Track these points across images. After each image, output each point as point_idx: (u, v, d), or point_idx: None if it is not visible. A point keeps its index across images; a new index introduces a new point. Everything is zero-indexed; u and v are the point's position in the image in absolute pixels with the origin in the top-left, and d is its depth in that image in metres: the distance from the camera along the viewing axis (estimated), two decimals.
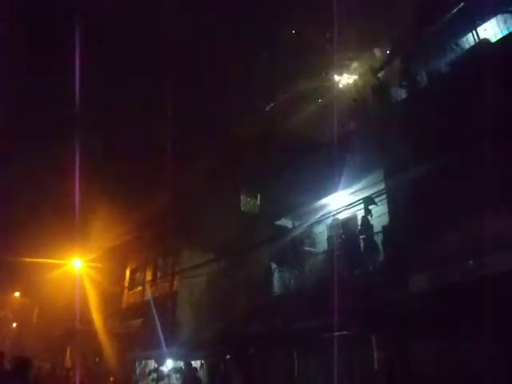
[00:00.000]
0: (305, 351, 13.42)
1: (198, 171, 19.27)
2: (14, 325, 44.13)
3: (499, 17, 10.99)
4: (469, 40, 11.35)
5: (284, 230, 15.79)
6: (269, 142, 17.49)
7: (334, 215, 13.66)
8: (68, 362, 25.70)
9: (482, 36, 10.94)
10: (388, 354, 10.95)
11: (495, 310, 8.10)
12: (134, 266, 24.29)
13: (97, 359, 27.52)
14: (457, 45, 11.60)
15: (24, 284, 32.03)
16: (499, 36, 10.68)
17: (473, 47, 11.03)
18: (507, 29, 10.69)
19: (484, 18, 11.10)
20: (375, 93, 13.62)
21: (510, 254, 8.31)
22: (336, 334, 11.19)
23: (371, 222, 12.58)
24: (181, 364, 16.26)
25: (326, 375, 12.05)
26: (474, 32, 11.07)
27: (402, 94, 12.70)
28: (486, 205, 8.91)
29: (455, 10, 10.94)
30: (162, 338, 16.92)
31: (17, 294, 38.59)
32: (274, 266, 15.59)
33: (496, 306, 8.10)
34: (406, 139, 11.13)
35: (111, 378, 23.33)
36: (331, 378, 11.52)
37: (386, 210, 12.15)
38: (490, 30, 11.07)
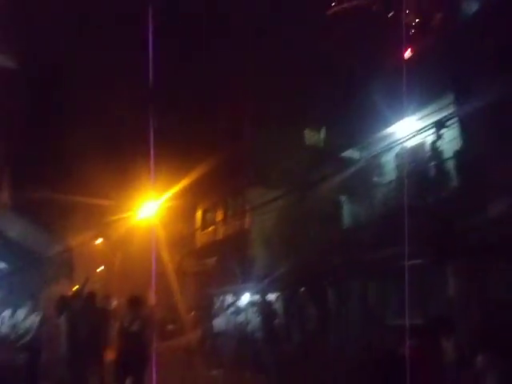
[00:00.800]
0: (379, 281, 13.41)
1: (261, 107, 19.11)
2: (101, 268, 47.06)
3: None
4: None
5: (351, 162, 15.53)
6: (330, 70, 16.90)
7: (402, 142, 13.19)
8: (152, 301, 27.14)
9: None
10: (464, 281, 10.73)
11: None
12: (205, 207, 24.91)
13: (177, 297, 29.00)
14: None
15: (103, 229, 33.64)
16: None
17: None
18: None
19: None
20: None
21: None
22: (410, 262, 11.04)
23: (442, 148, 12.07)
24: (257, 298, 16.76)
25: (401, 304, 12.03)
26: None
27: (475, 5, 11.78)
28: None
29: None
30: (237, 274, 17.47)
31: (100, 240, 40.83)
32: (343, 198, 15.47)
33: None
34: (481, 57, 10.41)
35: (192, 313, 24.59)
36: (405, 307, 11.47)
37: (458, 134, 11.59)
38: None
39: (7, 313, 10.87)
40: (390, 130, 13.58)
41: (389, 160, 14.53)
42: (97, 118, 23.73)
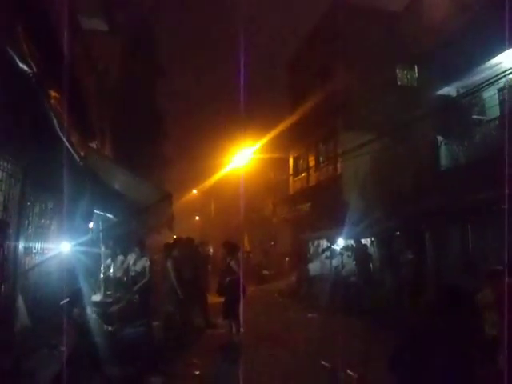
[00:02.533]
0: (479, 224, 12.87)
1: (349, 47, 18.50)
2: (197, 218, 49.18)
3: None
4: None
5: (448, 100, 14.72)
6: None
7: (506, 75, 12.23)
8: (247, 247, 28.08)
9: None
10: None
11: None
12: (296, 153, 24.95)
13: (272, 243, 29.78)
14: None
15: (199, 181, 34.73)
16: None
17: None
18: None
19: None
20: None
21: None
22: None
23: None
24: (351, 242, 16.76)
25: (502, 248, 11.48)
26: None
27: None
28: None
29: None
30: (330, 218, 17.50)
31: (194, 191, 42.47)
32: (440, 139, 14.79)
33: None
34: None
35: (286, 259, 25.20)
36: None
37: None
38: None
39: (120, 258, 11.74)
40: (491, 62, 12.64)
41: (490, 96, 13.59)
42: (190, 77, 24.31)
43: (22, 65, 3.69)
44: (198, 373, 7.99)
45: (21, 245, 5.31)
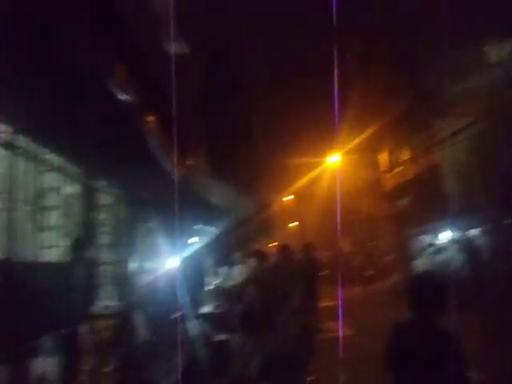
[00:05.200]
0: None
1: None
2: (295, 223, 49.17)
3: None
4: None
5: None
6: None
7: None
8: (347, 248, 27.63)
9: None
10: None
11: None
12: (389, 148, 24.29)
13: (372, 242, 29.12)
14: None
15: (293, 185, 34.88)
16: None
17: None
18: None
19: None
20: None
21: None
22: None
23: None
24: (458, 235, 15.99)
25: None
26: None
27: None
28: None
29: None
30: (432, 212, 16.82)
31: (291, 196, 42.47)
32: None
33: None
34: None
35: (388, 258, 24.51)
36: None
37: None
38: None
39: (225, 269, 12.08)
40: None
41: None
42: (278, 81, 24.72)
43: (122, 95, 3.93)
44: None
45: (132, 264, 5.63)
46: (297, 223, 49.10)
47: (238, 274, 11.17)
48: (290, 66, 26.04)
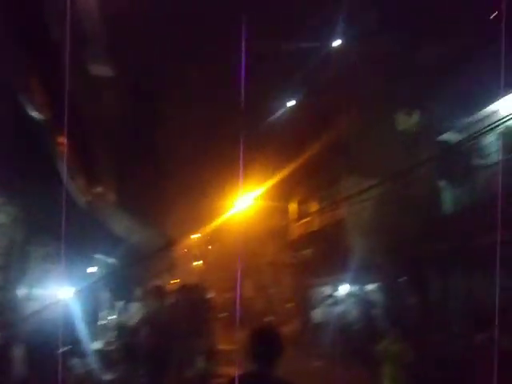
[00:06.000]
0: (486, 270, 12.72)
1: (349, 95, 18.72)
2: (198, 263, 48.62)
3: None
4: None
5: (449, 145, 14.84)
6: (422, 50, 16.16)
7: (505, 121, 12.35)
8: (248, 293, 27.64)
9: None
10: None
11: None
12: (299, 198, 24.98)
13: (273, 289, 29.38)
14: None
15: (201, 225, 34.64)
16: None
17: None
18: None
19: None
20: None
21: None
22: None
23: None
24: (355, 289, 16.57)
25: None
26: None
27: None
28: None
29: None
30: (334, 264, 17.33)
31: (196, 235, 42.16)
32: (442, 183, 14.84)
33: None
34: None
35: (288, 305, 24.80)
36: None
37: None
38: None
39: (121, 304, 11.58)
40: (491, 108, 12.81)
41: (492, 141, 13.70)
42: (191, 120, 24.58)
43: (33, 112, 3.72)
44: None
45: (21, 291, 5.22)
46: (201, 262, 48.53)
47: (135, 310, 10.75)
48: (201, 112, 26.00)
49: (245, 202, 25.56)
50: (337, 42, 20.24)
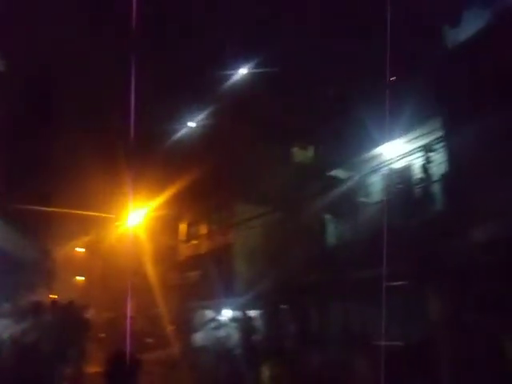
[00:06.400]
0: (360, 301, 13.42)
1: (248, 121, 19.12)
2: (80, 278, 46.36)
3: None
4: None
5: (337, 181, 15.62)
6: (319, 90, 17.04)
7: (389, 164, 13.36)
8: (131, 312, 26.79)
9: None
10: (446, 305, 10.80)
11: None
12: (188, 220, 24.86)
13: (157, 309, 28.70)
14: None
15: (85, 239, 33.31)
16: None
17: None
18: None
19: None
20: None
21: None
22: (392, 283, 11.08)
23: (429, 171, 12.24)
24: (238, 314, 16.66)
25: (381, 326, 12.03)
26: None
27: (462, 35, 11.99)
28: None
29: None
30: (219, 288, 17.36)
31: (81, 249, 40.27)
32: (328, 216, 15.53)
33: None
34: (466, 85, 10.58)
35: (171, 327, 24.32)
36: (387, 329, 11.48)
37: (445, 159, 11.74)
38: None
39: None
40: (377, 151, 13.72)
41: (376, 181, 14.64)
42: (81, 129, 23.62)
43: None
44: None
45: None
46: (83, 278, 46.34)
47: (4, 325, 9.94)
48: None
49: (135, 220, 25.03)
50: (242, 71, 20.53)
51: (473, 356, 8.84)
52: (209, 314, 19.67)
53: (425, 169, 12.29)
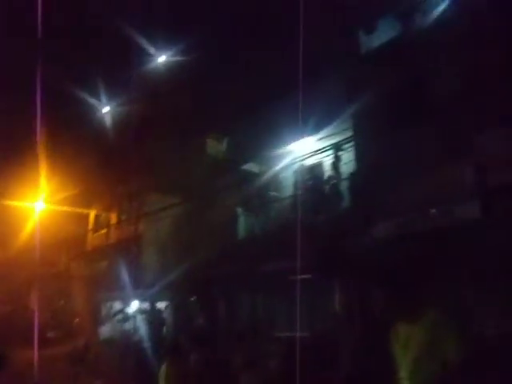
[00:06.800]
0: (269, 294, 13.73)
1: (162, 111, 18.79)
2: None
3: None
4: None
5: (250, 175, 15.81)
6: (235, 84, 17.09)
7: (300, 161, 13.73)
8: (32, 305, 25.61)
9: None
10: (349, 298, 11.30)
11: (454, 258, 8.50)
12: (99, 208, 24.06)
13: (62, 301, 27.62)
14: None
15: None
16: None
17: None
18: None
19: None
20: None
21: (471, 205, 8.66)
22: (299, 277, 11.43)
23: (339, 169, 12.73)
24: (146, 305, 16.44)
25: (289, 317, 12.41)
26: None
27: (373, 41, 12.56)
28: (447, 157, 9.18)
29: None
30: (127, 279, 17.01)
31: None
32: (240, 210, 15.69)
33: (455, 253, 8.50)
34: (375, 88, 11.07)
35: (76, 320, 23.52)
36: (294, 320, 11.86)
37: (354, 157, 12.25)
38: None
39: None
40: (290, 147, 14.03)
41: (287, 176, 14.99)
42: None
43: None
44: None
45: None
46: None
47: None
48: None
49: (41, 208, 23.82)
50: (159, 58, 20.09)
51: (373, 347, 9.33)
52: (116, 305, 19.25)
53: (334, 167, 12.77)
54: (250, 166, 15.99)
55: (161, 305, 16.43)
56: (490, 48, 9.12)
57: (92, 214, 24.46)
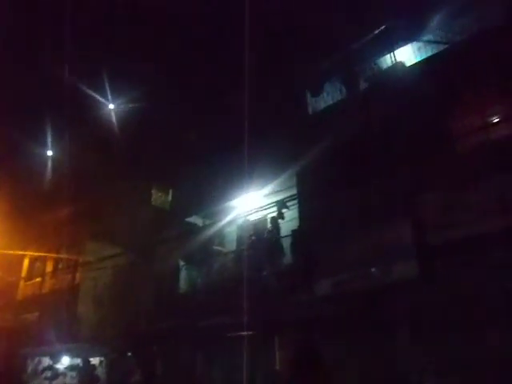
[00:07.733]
0: (208, 350, 13.45)
1: (107, 160, 18.61)
2: None
3: (415, 44, 11.83)
4: (387, 61, 12.11)
5: (194, 228, 15.77)
6: (183, 140, 17.30)
7: (244, 216, 13.91)
8: None
9: (398, 59, 11.67)
10: (290, 354, 11.25)
11: (391, 315, 8.75)
12: (34, 256, 23.01)
13: None
14: (375, 64, 12.32)
15: None
16: (413, 61, 11.49)
17: (389, 67, 11.76)
18: (420, 56, 11.51)
19: (401, 44, 11.90)
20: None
21: (407, 264, 9.01)
22: (240, 333, 11.34)
23: (281, 226, 12.96)
24: (78, 361, 15.62)
25: (229, 375, 12.17)
26: (391, 54, 11.79)
27: (319, 103, 13.22)
28: (386, 217, 9.58)
29: (377, 32, 11.65)
30: (59, 333, 16.18)
31: None
32: (182, 263, 15.51)
33: (391, 311, 8.76)
34: (318, 148, 11.53)
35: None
36: (233, 378, 11.65)
37: (297, 215, 12.52)
38: (406, 55, 11.88)
39: None
40: (235, 202, 14.20)
41: (230, 231, 15.09)
42: None
43: None
44: None
45: None
46: None
47: None
48: None
49: None
50: (109, 105, 19.99)
51: None
52: (45, 361, 18.11)
53: (277, 223, 12.99)
54: (194, 219, 15.99)
55: (95, 360, 15.65)
56: (427, 112, 9.81)
57: (26, 260, 23.35)
